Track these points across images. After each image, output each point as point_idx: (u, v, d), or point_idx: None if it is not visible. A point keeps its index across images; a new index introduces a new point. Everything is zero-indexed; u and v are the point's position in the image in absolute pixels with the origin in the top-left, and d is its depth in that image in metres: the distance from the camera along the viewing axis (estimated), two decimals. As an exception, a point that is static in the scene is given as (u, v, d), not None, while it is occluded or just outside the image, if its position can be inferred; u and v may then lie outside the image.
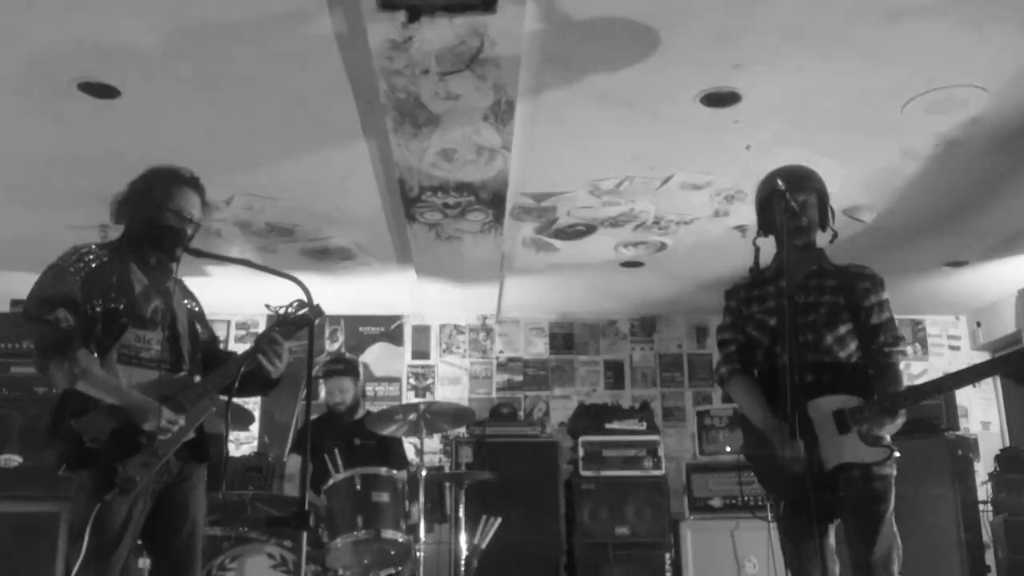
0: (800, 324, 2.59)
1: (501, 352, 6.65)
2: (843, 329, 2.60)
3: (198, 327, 2.67)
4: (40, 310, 2.35)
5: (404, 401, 6.36)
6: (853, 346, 2.62)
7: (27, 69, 3.08)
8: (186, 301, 2.68)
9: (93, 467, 2.31)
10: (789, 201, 2.56)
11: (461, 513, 4.22)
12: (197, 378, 2.55)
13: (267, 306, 2.57)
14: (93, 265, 2.46)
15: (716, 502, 5.42)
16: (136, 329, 2.45)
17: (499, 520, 4.27)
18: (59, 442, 2.34)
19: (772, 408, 2.58)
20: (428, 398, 6.37)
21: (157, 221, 2.51)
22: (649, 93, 3.30)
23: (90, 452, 2.30)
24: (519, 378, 6.60)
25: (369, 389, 6.27)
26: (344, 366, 4.62)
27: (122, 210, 2.58)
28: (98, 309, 2.40)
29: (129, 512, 2.35)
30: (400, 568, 3.74)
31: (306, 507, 2.16)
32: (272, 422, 6.07)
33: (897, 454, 2.49)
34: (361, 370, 4.60)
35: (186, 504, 2.52)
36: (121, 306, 2.43)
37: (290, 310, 2.51)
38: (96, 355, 2.37)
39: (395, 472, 3.93)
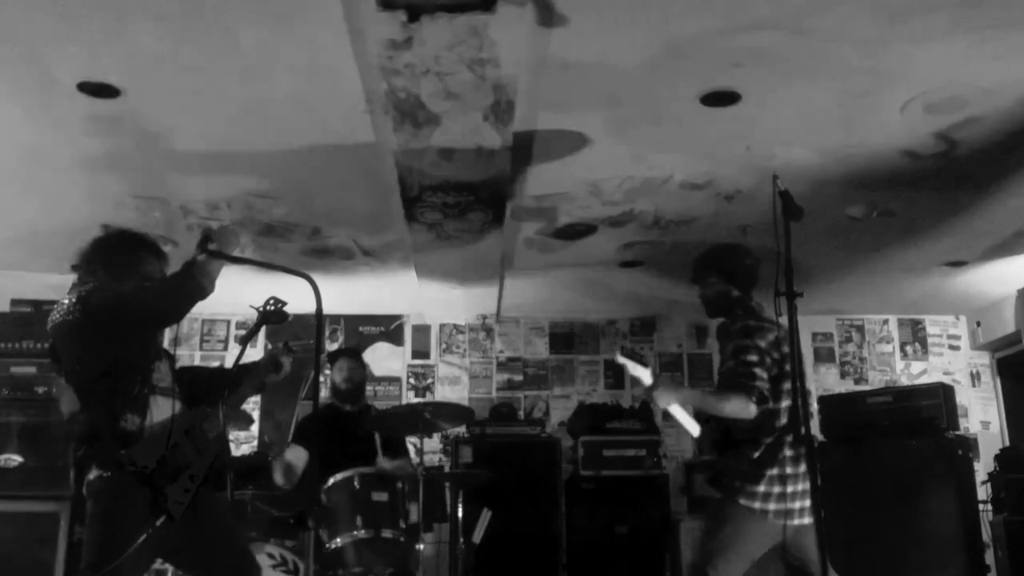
0: None
1: (501, 352, 6.65)
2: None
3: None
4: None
5: (404, 401, 6.36)
6: None
7: (27, 69, 3.07)
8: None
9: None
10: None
11: (460, 513, 4.22)
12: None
13: (251, 306, 2.75)
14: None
15: (716, 502, 5.42)
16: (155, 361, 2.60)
17: (490, 513, 4.27)
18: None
19: None
20: (428, 398, 6.37)
21: (120, 285, 2.60)
22: (649, 92, 3.30)
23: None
24: (519, 378, 6.60)
25: (369, 389, 6.25)
26: (352, 351, 4.74)
27: (90, 264, 2.67)
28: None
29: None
30: (400, 568, 3.74)
31: (310, 506, 2.20)
32: (272, 421, 6.08)
33: None
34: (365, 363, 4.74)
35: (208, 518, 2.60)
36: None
37: (269, 307, 2.70)
38: (141, 388, 2.50)
39: (395, 469, 3.94)
